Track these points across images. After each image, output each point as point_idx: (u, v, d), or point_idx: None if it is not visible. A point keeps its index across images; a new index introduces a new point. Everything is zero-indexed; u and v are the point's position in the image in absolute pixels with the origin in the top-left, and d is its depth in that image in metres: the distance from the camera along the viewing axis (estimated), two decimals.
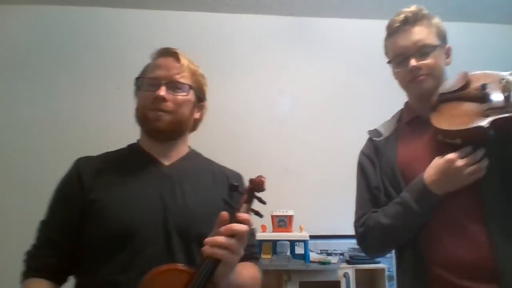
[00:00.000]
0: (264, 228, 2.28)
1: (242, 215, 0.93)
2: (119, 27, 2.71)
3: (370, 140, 1.33)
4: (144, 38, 2.63)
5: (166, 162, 1.13)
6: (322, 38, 2.84)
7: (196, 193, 1.09)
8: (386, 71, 1.33)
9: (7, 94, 2.57)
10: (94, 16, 2.70)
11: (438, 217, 1.13)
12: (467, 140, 1.05)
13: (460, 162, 1.05)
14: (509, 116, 1.00)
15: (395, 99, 1.37)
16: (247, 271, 1.07)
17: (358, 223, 1.27)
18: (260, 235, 2.23)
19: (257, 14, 2.80)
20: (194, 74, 1.15)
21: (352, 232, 1.33)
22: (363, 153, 1.33)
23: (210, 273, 0.89)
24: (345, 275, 2.23)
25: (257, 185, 0.97)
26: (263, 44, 2.78)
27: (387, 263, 2.36)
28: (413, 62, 1.17)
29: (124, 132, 1.19)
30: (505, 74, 1.10)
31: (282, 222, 2.25)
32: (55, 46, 2.65)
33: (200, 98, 1.18)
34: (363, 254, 2.38)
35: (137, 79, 1.15)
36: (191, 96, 1.13)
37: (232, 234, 0.89)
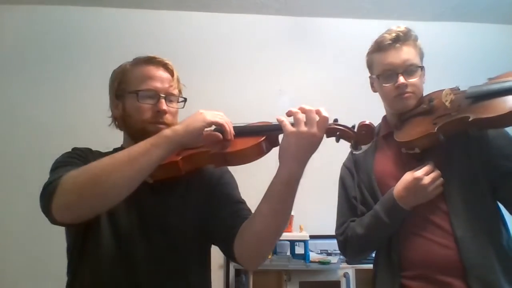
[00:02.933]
0: None
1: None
2: (120, 27, 2.71)
3: (350, 153, 1.42)
4: (145, 38, 2.63)
5: None
6: (322, 38, 2.84)
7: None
8: None
9: (8, 95, 2.57)
10: (95, 16, 2.70)
11: (410, 217, 1.23)
12: (423, 147, 1.21)
13: (426, 180, 1.18)
14: (451, 120, 1.16)
15: None
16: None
17: (338, 232, 1.37)
18: None
19: (257, 14, 2.80)
20: (179, 84, 1.15)
21: None
22: (344, 165, 1.45)
23: (272, 130, 1.02)
24: (345, 275, 2.23)
25: (361, 132, 1.01)
26: (263, 44, 2.78)
27: None
28: (402, 79, 1.25)
29: None
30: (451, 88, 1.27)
31: None
32: (56, 46, 2.65)
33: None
34: None
35: (128, 90, 1.11)
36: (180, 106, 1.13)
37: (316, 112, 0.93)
